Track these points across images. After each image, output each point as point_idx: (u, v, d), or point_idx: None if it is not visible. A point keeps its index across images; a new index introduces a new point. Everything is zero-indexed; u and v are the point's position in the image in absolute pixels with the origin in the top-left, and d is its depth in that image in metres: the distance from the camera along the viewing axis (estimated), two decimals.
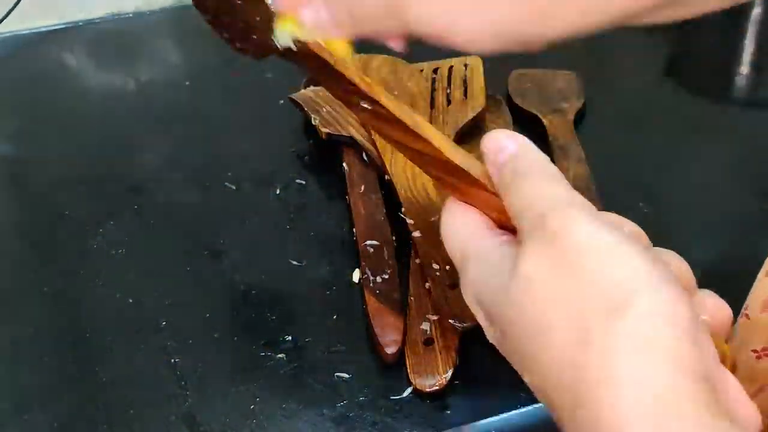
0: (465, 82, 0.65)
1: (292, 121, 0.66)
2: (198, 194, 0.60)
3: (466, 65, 0.67)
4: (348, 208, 0.56)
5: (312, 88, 0.67)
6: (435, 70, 0.67)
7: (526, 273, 0.28)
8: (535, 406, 0.44)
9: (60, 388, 0.46)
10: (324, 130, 0.61)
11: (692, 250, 0.35)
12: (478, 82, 0.65)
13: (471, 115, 0.62)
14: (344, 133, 0.61)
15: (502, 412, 0.44)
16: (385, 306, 0.48)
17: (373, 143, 0.59)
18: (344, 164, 0.60)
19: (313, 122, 0.62)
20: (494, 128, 0.62)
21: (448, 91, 0.65)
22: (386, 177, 0.56)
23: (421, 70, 0.67)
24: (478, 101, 0.63)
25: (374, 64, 0.67)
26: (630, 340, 0.26)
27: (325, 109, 0.63)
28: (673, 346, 0.26)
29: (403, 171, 0.56)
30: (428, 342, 0.46)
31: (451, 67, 0.67)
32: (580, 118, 0.66)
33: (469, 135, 0.62)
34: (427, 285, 0.49)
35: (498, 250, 0.31)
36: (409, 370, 0.45)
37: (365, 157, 0.59)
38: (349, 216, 0.56)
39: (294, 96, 0.66)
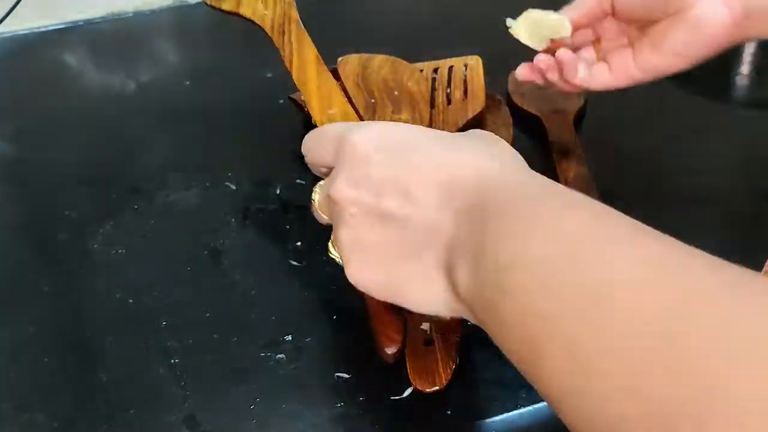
0: (465, 82, 0.65)
1: (292, 121, 0.66)
2: (198, 194, 0.60)
3: (466, 65, 0.67)
4: None
5: None
6: (435, 70, 0.67)
7: None
8: (535, 406, 0.44)
9: (60, 388, 0.46)
10: None
11: None
12: (478, 82, 0.65)
13: (471, 115, 0.62)
14: None
15: (502, 412, 0.44)
16: (385, 306, 0.48)
17: None
18: None
19: (313, 122, 0.62)
20: (494, 128, 0.63)
21: (448, 91, 0.65)
22: None
23: (421, 70, 0.67)
24: (478, 101, 0.63)
25: (374, 64, 0.67)
26: None
27: None
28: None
29: None
30: (428, 342, 0.46)
31: (451, 67, 0.67)
32: (580, 118, 0.66)
33: None
34: None
35: None
36: (409, 370, 0.45)
37: None
38: None
39: (294, 96, 0.66)
